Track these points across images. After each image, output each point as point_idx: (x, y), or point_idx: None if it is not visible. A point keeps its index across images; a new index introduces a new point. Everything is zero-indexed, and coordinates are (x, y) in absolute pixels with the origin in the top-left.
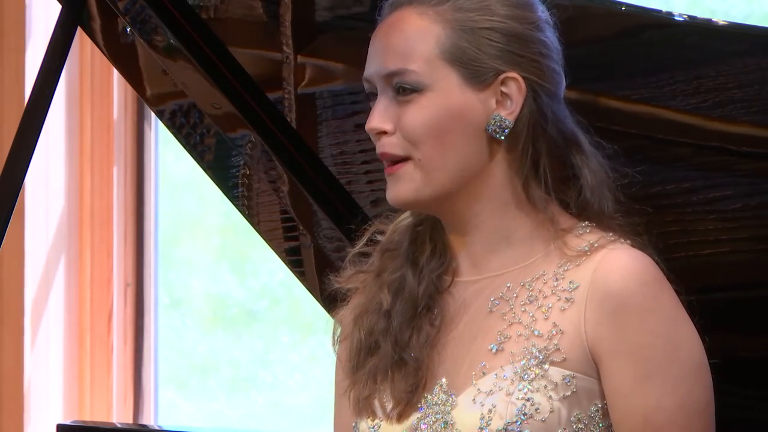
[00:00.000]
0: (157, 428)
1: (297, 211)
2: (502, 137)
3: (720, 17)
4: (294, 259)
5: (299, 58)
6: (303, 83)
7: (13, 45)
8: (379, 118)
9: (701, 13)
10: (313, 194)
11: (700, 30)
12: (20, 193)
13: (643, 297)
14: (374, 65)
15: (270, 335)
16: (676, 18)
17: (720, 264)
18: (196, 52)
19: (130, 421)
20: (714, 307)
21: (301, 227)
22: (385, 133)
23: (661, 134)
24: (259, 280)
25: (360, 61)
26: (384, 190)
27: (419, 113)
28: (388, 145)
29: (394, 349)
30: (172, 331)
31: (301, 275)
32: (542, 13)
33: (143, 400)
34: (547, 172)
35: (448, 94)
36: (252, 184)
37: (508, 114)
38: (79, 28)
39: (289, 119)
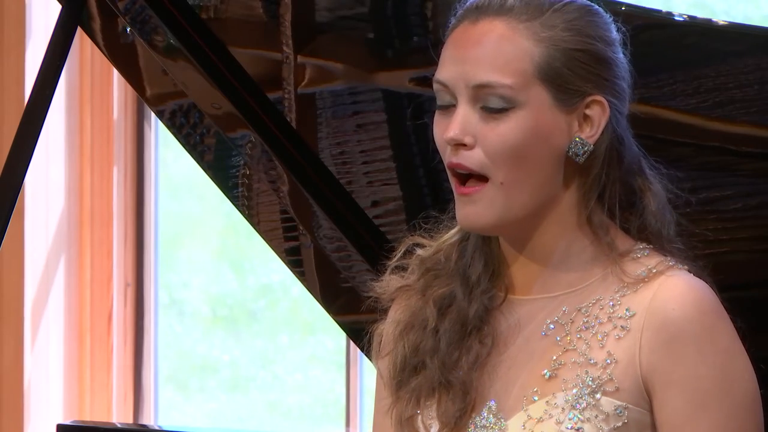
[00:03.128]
0: (157, 428)
1: (297, 211)
2: (581, 160)
3: (720, 17)
4: (294, 259)
5: (299, 58)
6: (303, 83)
7: (13, 45)
8: (460, 129)
9: (701, 13)
10: (313, 194)
11: (700, 30)
12: (20, 193)
13: (700, 326)
14: (458, 71)
15: (270, 335)
16: (676, 18)
17: (720, 264)
18: (196, 52)
19: (130, 421)
20: None
21: (301, 227)
22: (464, 145)
23: (661, 134)
24: (259, 280)
25: (360, 61)
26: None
27: (509, 131)
28: (466, 158)
29: (441, 372)
30: (172, 331)
31: (301, 275)
32: (617, 32)
33: (143, 400)
34: (613, 196)
35: (539, 114)
36: (252, 184)
37: (589, 137)
38: (79, 28)
39: (289, 119)
